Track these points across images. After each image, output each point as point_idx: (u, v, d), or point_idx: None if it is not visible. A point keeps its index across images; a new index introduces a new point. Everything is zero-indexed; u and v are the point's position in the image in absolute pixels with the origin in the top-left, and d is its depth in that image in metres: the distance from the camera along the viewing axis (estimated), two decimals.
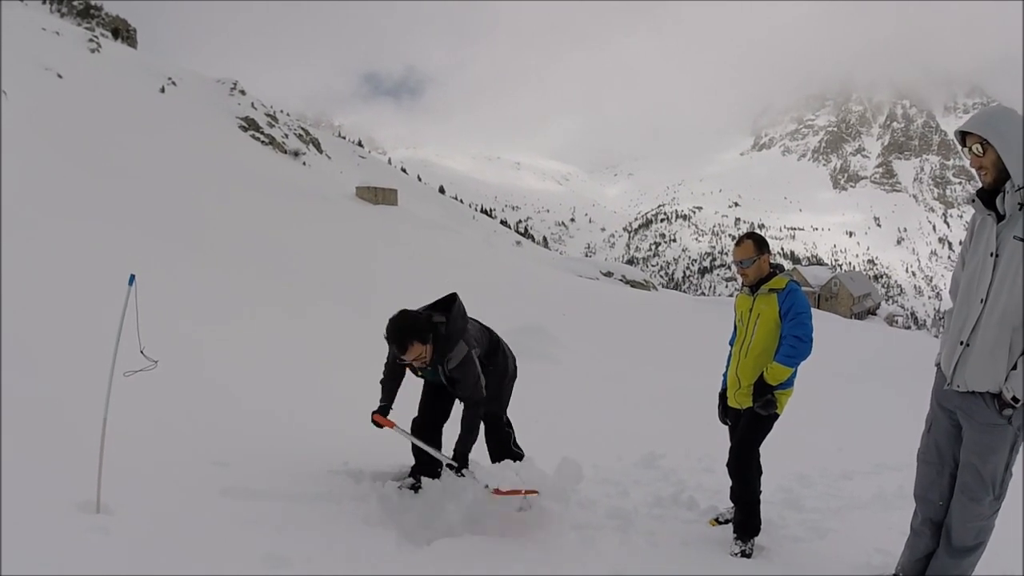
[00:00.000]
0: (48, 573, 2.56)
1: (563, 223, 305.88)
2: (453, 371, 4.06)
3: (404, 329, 3.89)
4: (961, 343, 3.05)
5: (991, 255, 2.96)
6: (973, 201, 3.09)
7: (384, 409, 4.28)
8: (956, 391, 3.10)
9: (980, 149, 2.94)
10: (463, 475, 4.06)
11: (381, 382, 4.39)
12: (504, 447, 4.50)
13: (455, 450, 4.13)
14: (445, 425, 4.53)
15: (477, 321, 4.48)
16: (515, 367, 4.63)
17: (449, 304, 4.13)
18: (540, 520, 4.12)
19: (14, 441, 3.46)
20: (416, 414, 4.48)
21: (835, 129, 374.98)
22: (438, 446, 4.45)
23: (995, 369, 2.94)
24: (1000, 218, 2.96)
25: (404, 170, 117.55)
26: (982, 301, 2.98)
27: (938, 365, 3.29)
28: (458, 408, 4.38)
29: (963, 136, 3.03)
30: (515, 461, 4.43)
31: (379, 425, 4.23)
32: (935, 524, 3.33)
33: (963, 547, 3.19)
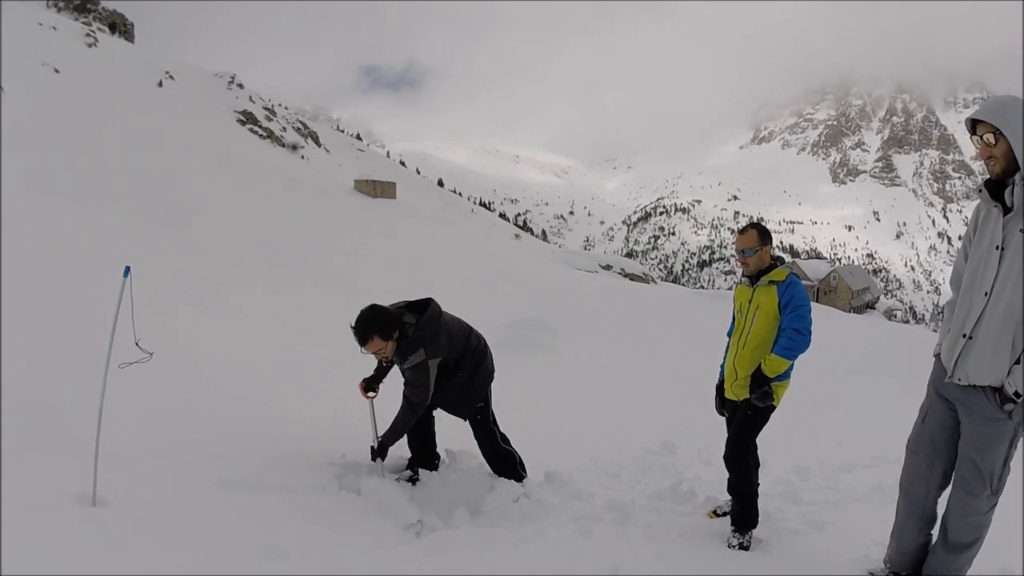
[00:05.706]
0: (44, 566, 2.54)
1: (562, 216, 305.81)
2: (407, 372, 4.13)
3: (369, 323, 3.94)
4: (964, 336, 3.00)
5: (997, 248, 2.91)
6: (980, 191, 3.02)
7: (372, 380, 4.38)
8: (956, 384, 3.07)
9: (992, 139, 2.87)
10: (374, 461, 4.19)
11: None
12: (492, 443, 4.45)
13: (380, 438, 4.20)
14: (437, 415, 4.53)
15: (461, 321, 4.43)
16: (491, 367, 4.50)
17: (422, 308, 4.17)
18: (538, 512, 4.13)
19: (10, 434, 3.45)
20: None
21: (835, 123, 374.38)
22: (431, 437, 4.51)
23: (997, 363, 2.90)
24: (1007, 210, 2.90)
25: (403, 163, 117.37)
26: (986, 294, 2.92)
27: (937, 356, 3.25)
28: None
29: (973, 124, 2.95)
30: (510, 460, 4.47)
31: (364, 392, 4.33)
32: (919, 519, 3.33)
33: (960, 543, 3.18)
